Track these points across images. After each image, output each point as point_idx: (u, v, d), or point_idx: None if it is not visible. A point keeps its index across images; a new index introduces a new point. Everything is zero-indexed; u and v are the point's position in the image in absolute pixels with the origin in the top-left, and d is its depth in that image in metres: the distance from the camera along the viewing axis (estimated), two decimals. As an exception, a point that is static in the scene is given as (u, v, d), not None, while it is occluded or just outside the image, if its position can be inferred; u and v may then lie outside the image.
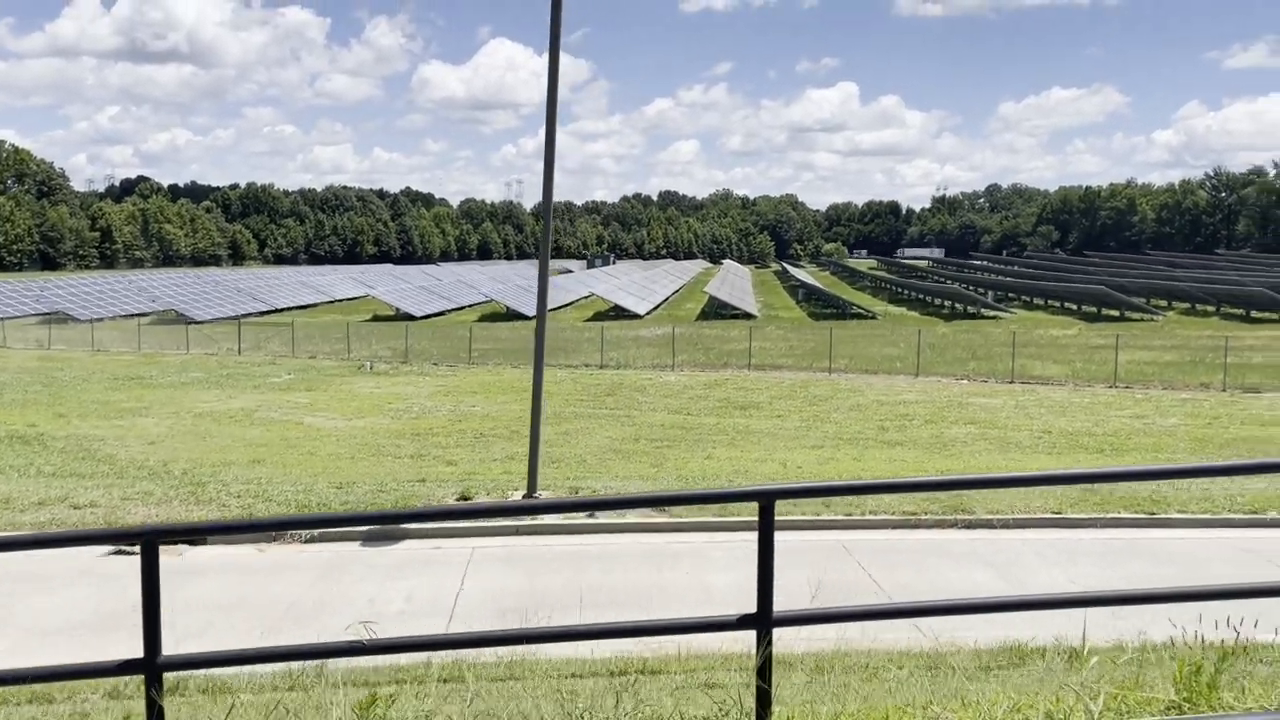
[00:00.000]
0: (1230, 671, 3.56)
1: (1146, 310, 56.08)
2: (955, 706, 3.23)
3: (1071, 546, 12.21)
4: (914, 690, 4.03)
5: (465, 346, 41.57)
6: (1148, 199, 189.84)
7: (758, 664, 2.92)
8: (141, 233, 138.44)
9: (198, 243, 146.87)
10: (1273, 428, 23.26)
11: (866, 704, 3.70)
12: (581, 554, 11.65)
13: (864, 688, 4.91)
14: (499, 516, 12.46)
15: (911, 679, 4.99)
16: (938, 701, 3.35)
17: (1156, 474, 7.21)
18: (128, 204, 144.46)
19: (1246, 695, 3.39)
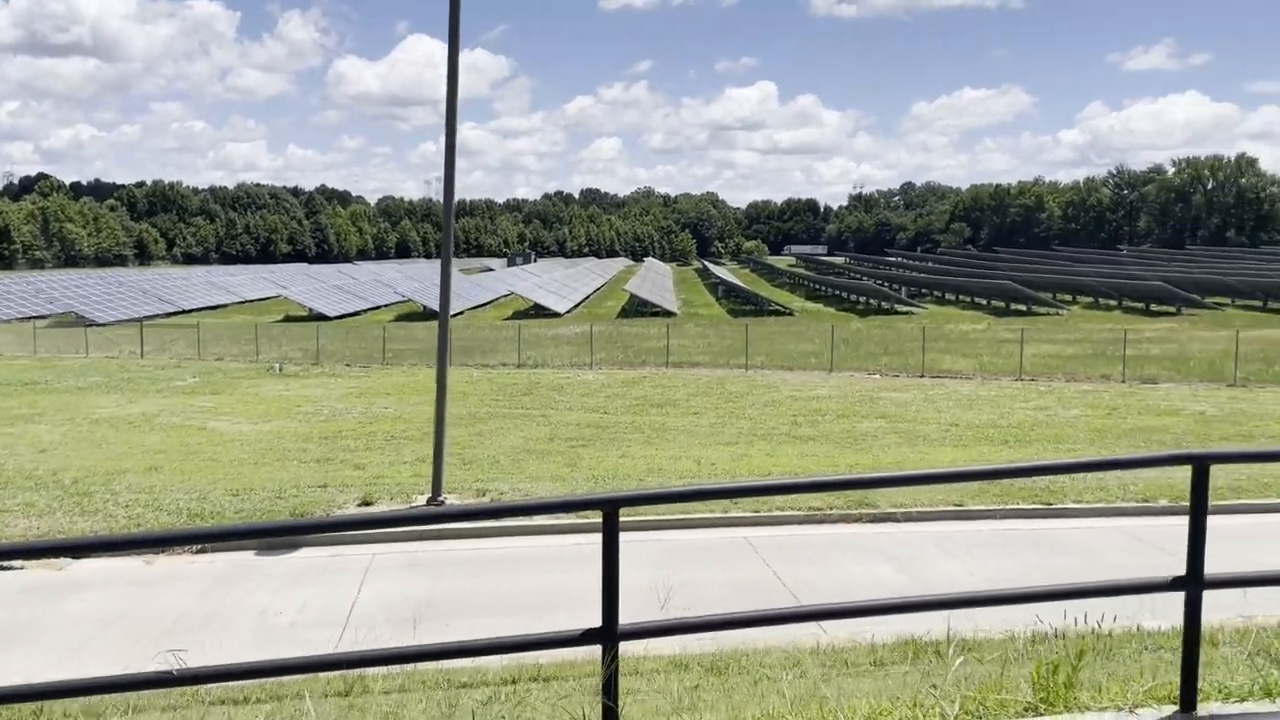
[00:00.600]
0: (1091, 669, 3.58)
1: (1052, 305, 57.82)
2: (815, 714, 3.16)
3: (971, 538, 12.41)
4: (774, 700, 3.98)
5: (380, 347, 40.80)
6: (1054, 197, 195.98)
7: (603, 680, 2.80)
8: (41, 232, 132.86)
9: (101, 242, 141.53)
10: (1167, 417, 24.09)
11: (727, 715, 3.62)
12: (484, 558, 11.43)
13: (728, 698, 4.84)
14: (315, 532, 11.56)
15: (793, 682, 4.94)
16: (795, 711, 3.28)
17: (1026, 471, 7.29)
18: (26, 202, 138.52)
19: (1104, 694, 3.40)
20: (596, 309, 68.55)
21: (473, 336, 48.33)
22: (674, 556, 11.48)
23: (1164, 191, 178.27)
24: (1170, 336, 41.91)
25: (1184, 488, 13.58)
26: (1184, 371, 31.95)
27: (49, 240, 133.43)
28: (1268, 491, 14.05)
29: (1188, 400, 26.55)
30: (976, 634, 6.06)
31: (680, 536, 12.47)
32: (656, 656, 7.57)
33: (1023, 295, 57.21)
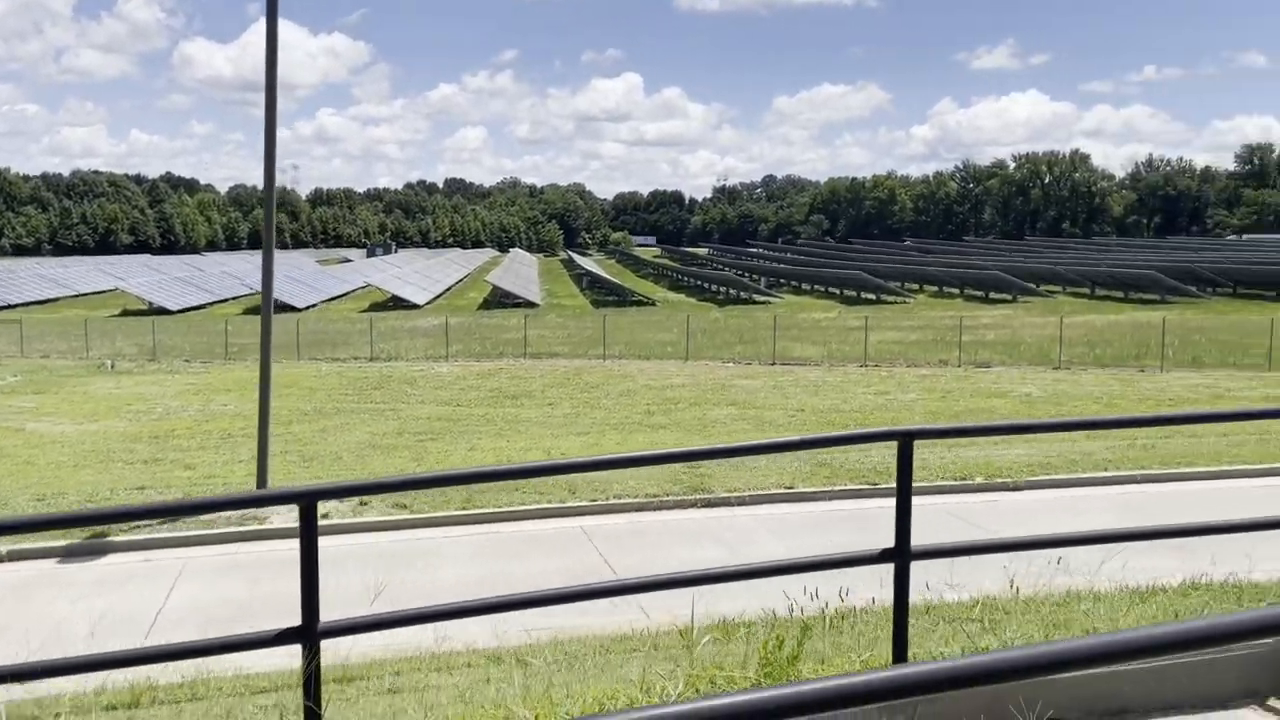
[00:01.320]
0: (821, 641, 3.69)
1: (899, 293, 60.21)
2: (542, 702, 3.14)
3: (800, 520, 12.76)
4: (505, 689, 3.97)
5: (223, 342, 39.05)
6: (906, 190, 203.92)
7: (303, 679, 2.70)
8: None
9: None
10: (996, 399, 25.39)
11: (431, 711, 3.58)
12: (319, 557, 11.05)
13: (440, 694, 4.81)
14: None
15: (539, 671, 4.93)
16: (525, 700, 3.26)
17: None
18: None
19: (827, 665, 3.52)
20: (458, 301, 67.52)
21: (325, 330, 46.86)
22: (506, 549, 11.38)
23: (1006, 185, 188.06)
24: (1005, 323, 44.22)
25: (999, 465, 14.27)
26: (1015, 356, 33.74)
27: None
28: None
29: (1016, 383, 28.05)
30: (743, 615, 6.19)
31: (516, 528, 12.39)
32: (471, 650, 7.47)
33: (872, 285, 59.33)
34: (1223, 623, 1.62)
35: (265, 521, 12.23)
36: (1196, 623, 1.62)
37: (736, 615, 7.97)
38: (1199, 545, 6.42)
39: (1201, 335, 37.90)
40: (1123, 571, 6.89)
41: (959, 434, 3.95)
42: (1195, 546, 7.11)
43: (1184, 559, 7.93)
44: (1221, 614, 1.60)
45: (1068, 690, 3.22)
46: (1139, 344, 35.05)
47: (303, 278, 73.34)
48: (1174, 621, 1.68)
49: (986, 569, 7.29)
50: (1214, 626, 1.59)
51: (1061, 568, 5.46)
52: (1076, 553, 5.09)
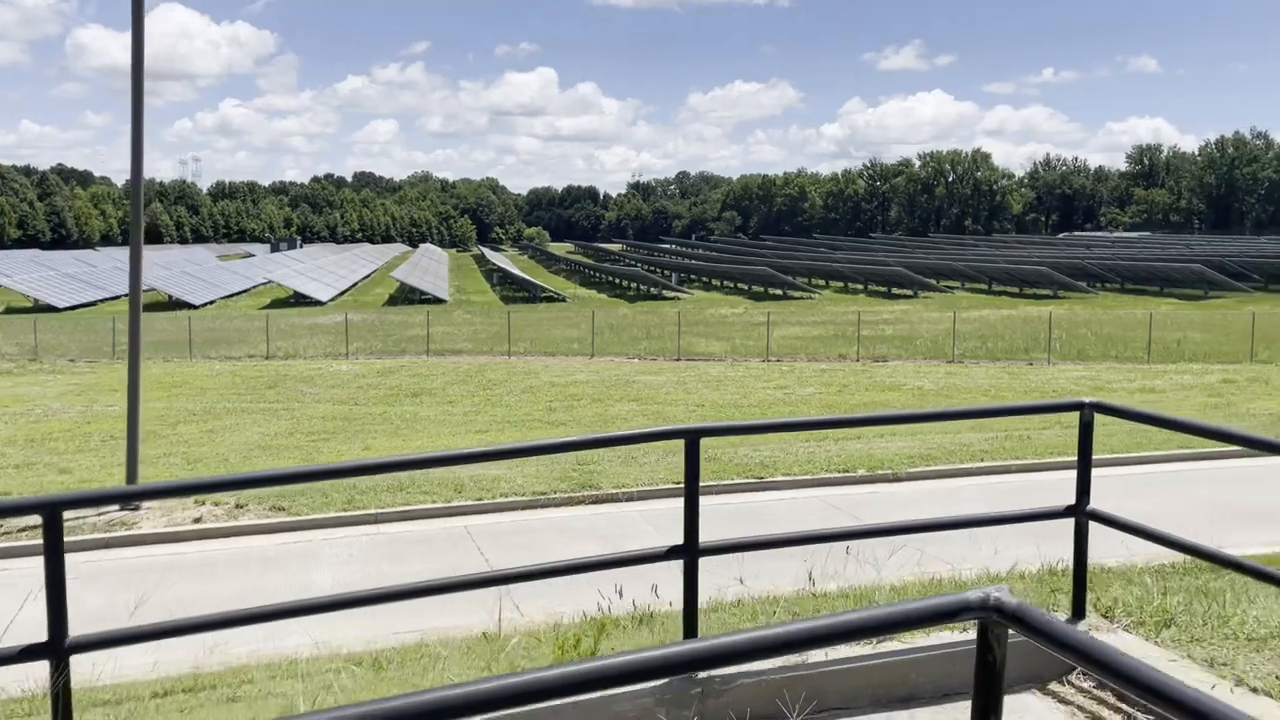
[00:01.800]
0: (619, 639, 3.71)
1: (805, 289, 61.21)
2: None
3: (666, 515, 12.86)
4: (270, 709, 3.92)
5: (111, 340, 37.60)
6: (816, 187, 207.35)
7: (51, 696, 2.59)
8: None
9: None
10: (890, 392, 25.98)
11: None
12: (178, 564, 10.71)
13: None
14: None
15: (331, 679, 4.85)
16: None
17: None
18: None
19: None
20: (363, 297, 66.27)
21: (221, 327, 45.51)
22: (385, 550, 11.20)
23: (911, 184, 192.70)
24: (904, 318, 45.31)
25: (881, 457, 14.55)
26: (912, 351, 34.58)
27: None
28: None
29: (911, 377, 28.76)
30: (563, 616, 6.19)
31: (400, 529, 12.20)
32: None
33: (778, 281, 60.19)
34: (909, 608, 1.66)
35: (135, 527, 11.81)
36: (890, 609, 1.66)
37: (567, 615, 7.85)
38: (993, 535, 6.68)
39: (1088, 329, 39.43)
40: (918, 563, 7.14)
41: (744, 431, 4.03)
42: (989, 536, 7.33)
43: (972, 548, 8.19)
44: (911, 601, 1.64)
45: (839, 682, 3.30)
46: (1029, 338, 36.28)
47: (201, 274, 71.11)
48: (873, 607, 1.74)
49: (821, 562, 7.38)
50: (901, 612, 1.63)
51: (866, 560, 5.63)
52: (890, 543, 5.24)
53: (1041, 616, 1.50)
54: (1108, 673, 1.38)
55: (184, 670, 6.72)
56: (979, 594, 1.57)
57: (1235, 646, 3.85)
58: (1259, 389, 25.14)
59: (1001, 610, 1.53)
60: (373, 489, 13.25)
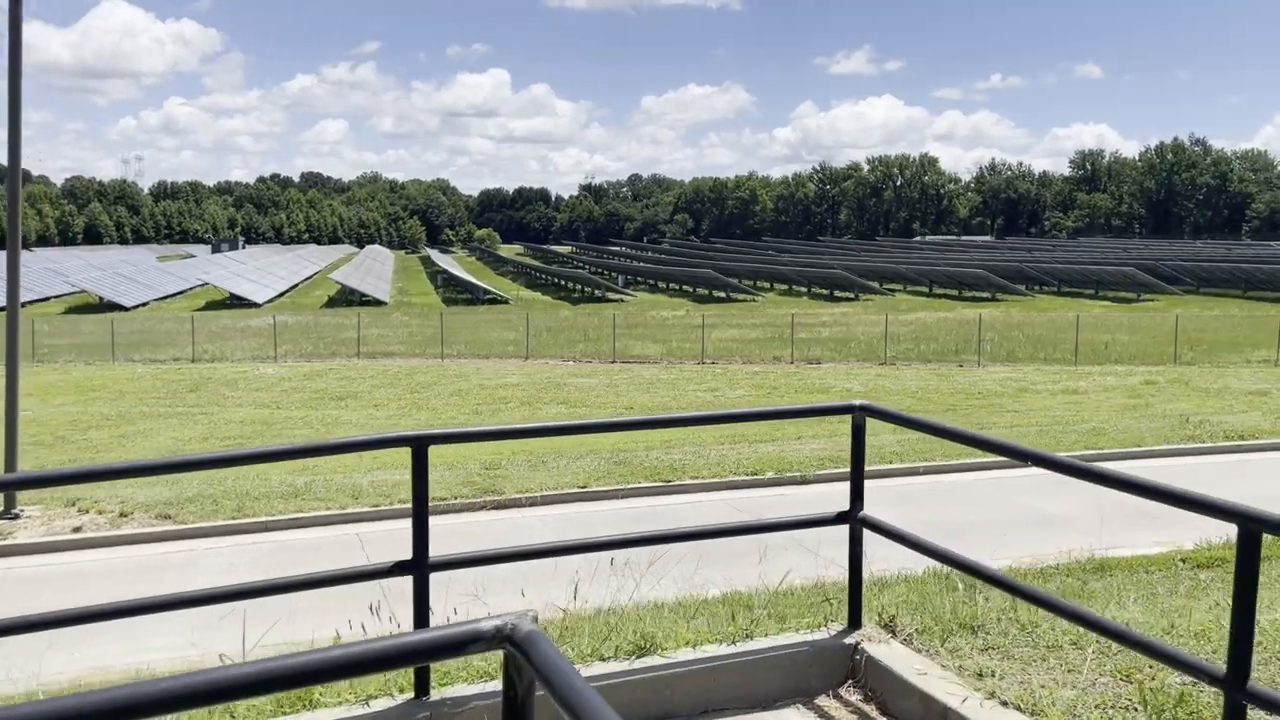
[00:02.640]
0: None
1: (748, 292, 61.40)
2: None
3: (588, 519, 12.64)
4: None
5: (30, 343, 36.48)
6: (767, 191, 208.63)
7: None
8: None
9: None
10: (819, 394, 26.01)
11: None
12: (48, 575, 10.27)
13: None
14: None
15: None
16: None
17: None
18: None
19: (348, 689, 3.38)
20: (302, 299, 65.21)
21: (150, 329, 44.45)
22: (268, 560, 10.85)
23: (860, 187, 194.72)
24: (842, 320, 45.57)
25: (793, 459, 14.41)
26: (845, 353, 34.74)
27: None
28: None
29: (841, 378, 28.85)
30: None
31: (289, 537, 11.85)
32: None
33: (722, 283, 60.30)
34: (412, 641, 1.47)
35: (10, 537, 11.32)
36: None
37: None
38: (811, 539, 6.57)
39: (1020, 331, 39.93)
40: (694, 574, 7.00)
41: (476, 438, 3.82)
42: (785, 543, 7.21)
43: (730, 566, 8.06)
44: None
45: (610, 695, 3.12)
46: (962, 340, 36.63)
47: (136, 275, 69.53)
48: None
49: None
50: (405, 644, 1.45)
51: (655, 573, 5.49)
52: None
53: (550, 653, 1.32)
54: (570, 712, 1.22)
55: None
56: (493, 623, 1.39)
57: (1017, 657, 3.75)
58: (1178, 390, 25.57)
59: (513, 640, 1.35)
60: (265, 496, 12.88)
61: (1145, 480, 2.92)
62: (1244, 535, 2.45)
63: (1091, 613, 3.28)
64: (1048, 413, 21.56)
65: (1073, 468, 3.22)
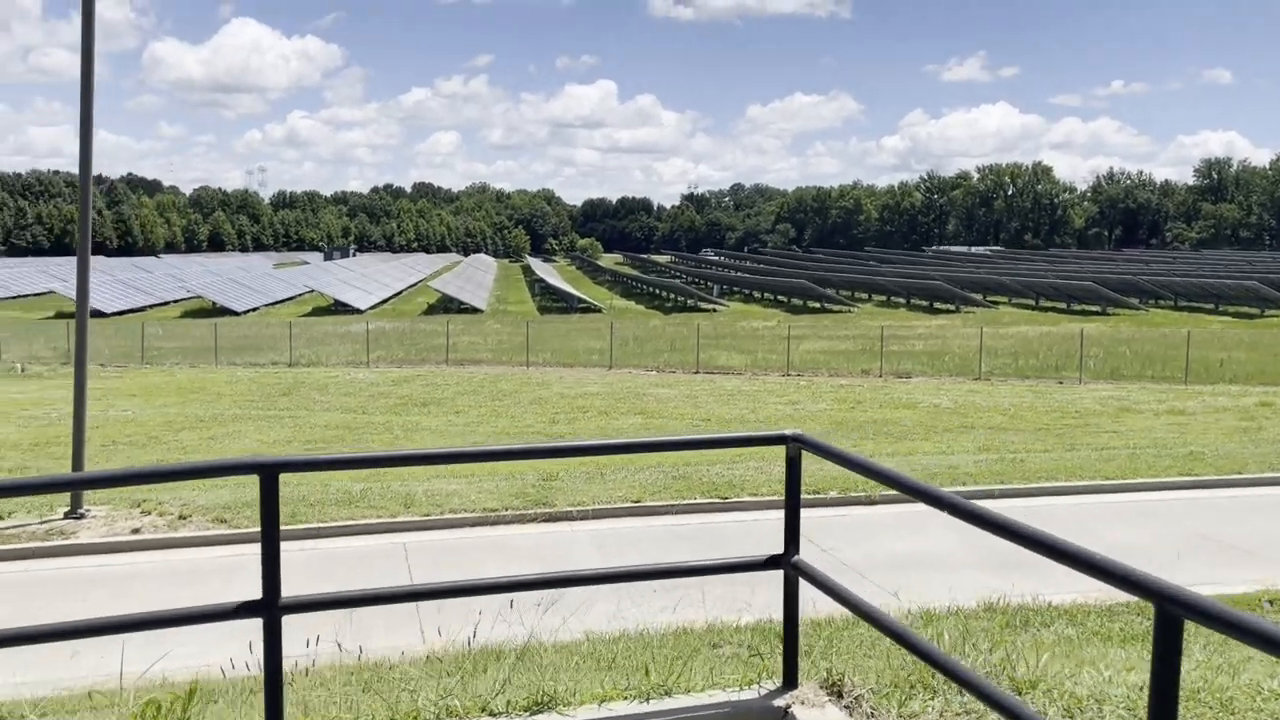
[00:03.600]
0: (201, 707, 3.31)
1: (842, 302, 60.18)
2: None
3: (639, 535, 12.37)
4: None
5: (141, 345, 38.24)
6: (872, 200, 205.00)
7: None
8: None
9: None
10: (904, 410, 25.17)
11: None
12: (103, 576, 10.53)
13: None
14: None
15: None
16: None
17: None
18: None
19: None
20: (403, 306, 66.80)
21: (254, 334, 46.10)
22: (313, 568, 10.91)
23: (969, 196, 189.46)
24: (939, 333, 44.18)
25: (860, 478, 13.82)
26: (938, 367, 33.61)
27: None
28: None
29: (930, 394, 27.87)
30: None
31: (338, 544, 11.92)
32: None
33: (816, 293, 59.29)
34: None
35: (73, 536, 11.69)
36: None
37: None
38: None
39: (1128, 347, 38.01)
40: (614, 616, 6.57)
41: (326, 466, 3.57)
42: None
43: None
44: None
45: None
46: (1064, 355, 35.04)
47: (248, 280, 72.36)
48: None
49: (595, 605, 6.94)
50: None
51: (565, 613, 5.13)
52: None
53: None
54: None
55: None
56: None
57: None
58: (1298, 413, 23.84)
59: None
60: (321, 502, 13.01)
61: (1052, 539, 2.52)
62: (1161, 618, 2.03)
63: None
64: (1148, 434, 20.32)
65: (965, 511, 2.82)
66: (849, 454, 3.33)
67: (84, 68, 11.61)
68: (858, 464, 3.32)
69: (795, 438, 3.44)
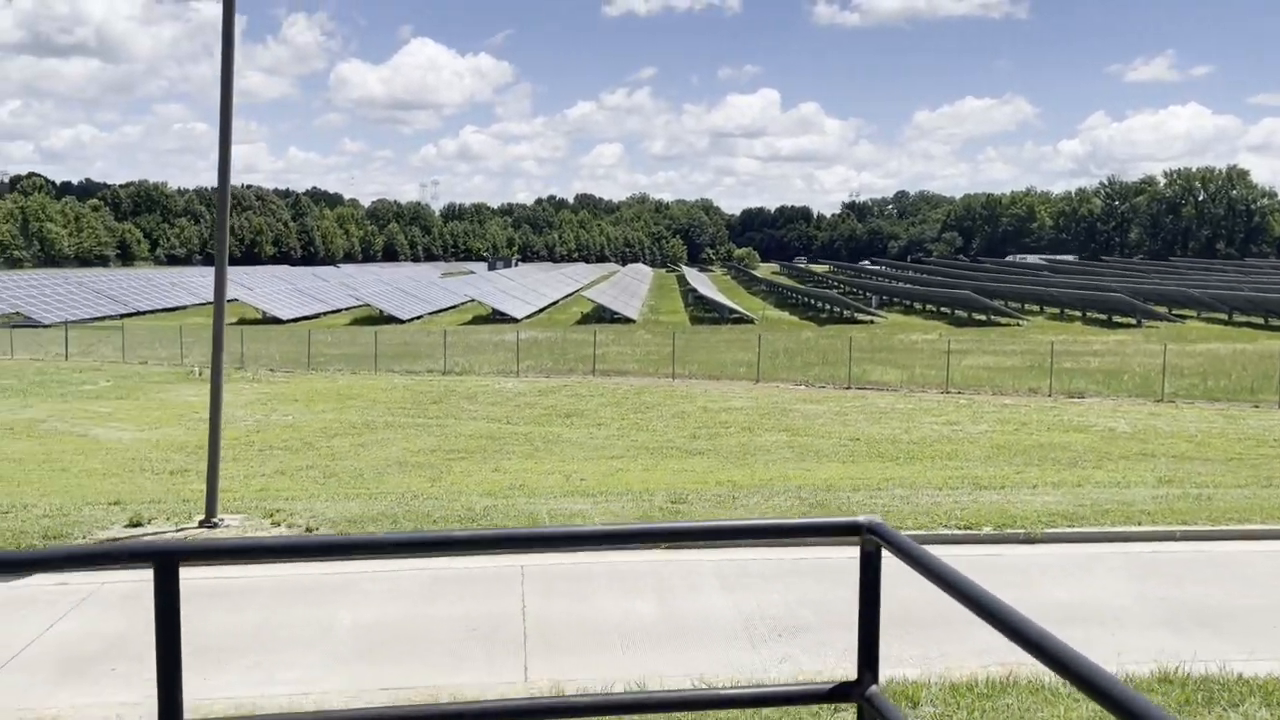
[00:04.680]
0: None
1: (1010, 314, 56.94)
2: None
3: (765, 569, 11.54)
4: None
5: (307, 351, 39.96)
6: (1046, 207, 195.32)
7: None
8: (20, 231, 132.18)
9: (83, 242, 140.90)
10: (1075, 433, 23.24)
11: None
12: (221, 590, 10.56)
13: None
14: None
15: None
16: None
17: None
18: (6, 201, 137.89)
19: None
20: (558, 315, 67.72)
21: (415, 341, 47.55)
22: (427, 588, 10.64)
23: (1155, 203, 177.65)
24: (1117, 349, 41.02)
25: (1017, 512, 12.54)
26: (1115, 387, 31.08)
27: (28, 240, 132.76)
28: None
29: (1105, 416, 25.70)
30: None
31: (455, 563, 11.63)
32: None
33: (981, 305, 56.34)
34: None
35: (204, 544, 11.85)
36: None
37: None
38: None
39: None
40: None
41: (233, 557, 2.86)
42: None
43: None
44: None
45: None
46: (1262, 376, 31.77)
47: (414, 290, 75.10)
48: None
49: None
50: None
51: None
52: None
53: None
54: None
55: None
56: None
57: None
58: None
59: None
60: (445, 519, 12.81)
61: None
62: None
63: None
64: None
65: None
66: (929, 558, 2.50)
67: (223, 83, 11.83)
68: (936, 572, 2.48)
69: (871, 528, 2.62)
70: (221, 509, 13.09)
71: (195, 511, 13.21)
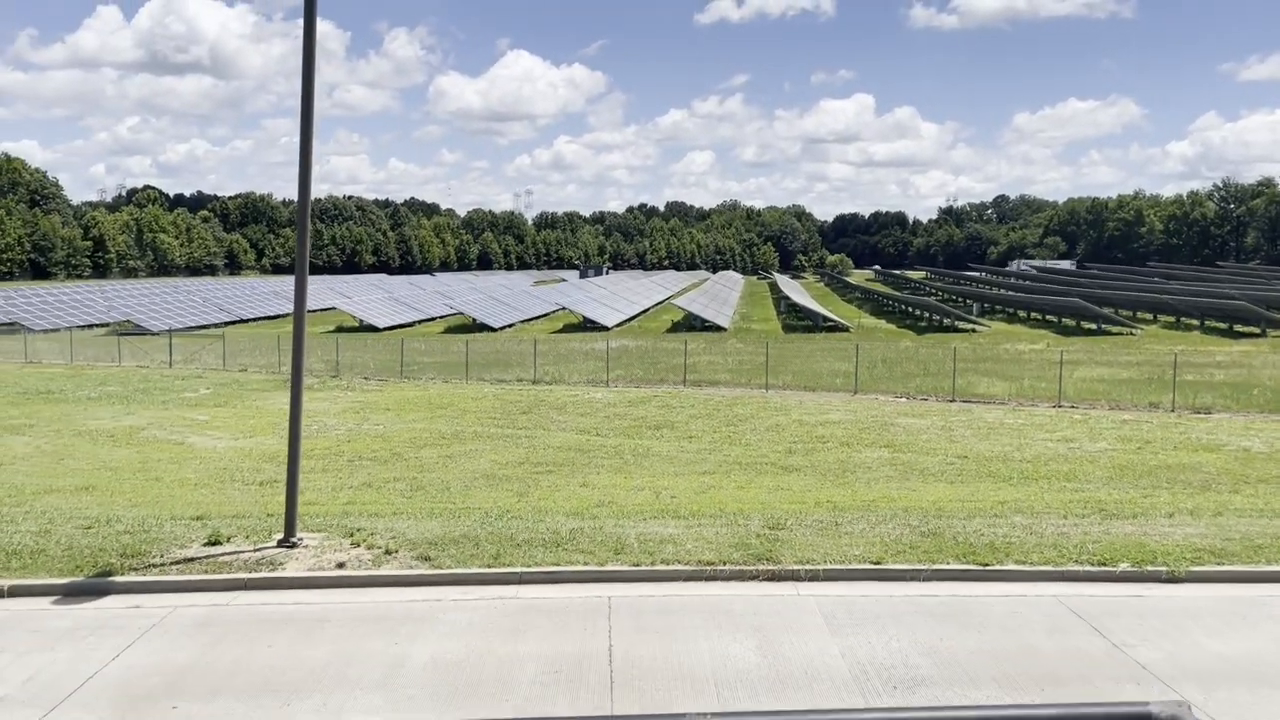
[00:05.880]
0: None
1: (1123, 323, 54.06)
2: None
3: (875, 606, 10.53)
4: None
5: (400, 360, 40.11)
6: (1155, 210, 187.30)
7: None
8: (135, 242, 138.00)
9: (194, 252, 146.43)
10: (1205, 453, 21.47)
11: None
12: (294, 617, 10.05)
13: None
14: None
15: None
16: None
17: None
18: (123, 213, 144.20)
19: None
20: (649, 323, 67.11)
21: (504, 350, 47.45)
22: (509, 622, 9.94)
23: (1274, 206, 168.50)
24: (1243, 361, 38.35)
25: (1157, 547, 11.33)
26: (1244, 401, 28.86)
27: (143, 250, 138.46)
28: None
29: (1237, 434, 23.76)
30: None
31: (538, 593, 10.93)
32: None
33: (1091, 313, 53.62)
34: None
35: (279, 568, 11.41)
36: None
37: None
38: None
39: None
40: None
41: None
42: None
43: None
44: None
45: None
46: None
47: (507, 298, 75.46)
48: None
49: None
50: None
51: None
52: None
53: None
54: None
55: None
56: None
57: None
58: None
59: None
60: (527, 543, 12.13)
61: None
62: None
63: None
64: None
65: None
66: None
67: (304, 94, 11.43)
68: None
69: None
70: (303, 526, 12.68)
71: (275, 529, 12.82)
